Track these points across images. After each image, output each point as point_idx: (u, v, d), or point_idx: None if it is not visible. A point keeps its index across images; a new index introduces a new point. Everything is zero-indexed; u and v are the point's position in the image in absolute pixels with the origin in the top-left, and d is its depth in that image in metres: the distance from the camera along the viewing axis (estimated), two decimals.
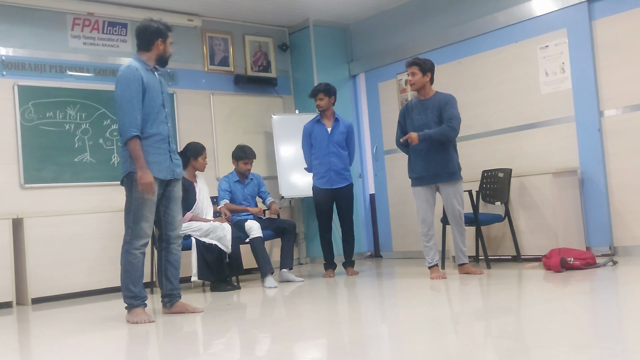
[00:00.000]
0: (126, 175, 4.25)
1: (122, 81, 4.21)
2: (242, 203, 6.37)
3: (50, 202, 6.32)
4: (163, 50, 4.44)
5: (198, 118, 7.42)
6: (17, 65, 6.33)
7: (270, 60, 8.08)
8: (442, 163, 5.35)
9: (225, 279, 5.81)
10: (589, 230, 5.95)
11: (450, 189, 5.39)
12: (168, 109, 4.43)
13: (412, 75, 5.44)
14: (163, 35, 4.42)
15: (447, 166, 5.36)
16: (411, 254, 7.37)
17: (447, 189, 5.40)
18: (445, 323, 3.67)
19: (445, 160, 5.36)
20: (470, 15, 6.83)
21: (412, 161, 5.52)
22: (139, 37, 4.41)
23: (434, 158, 5.36)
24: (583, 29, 5.94)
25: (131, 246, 4.22)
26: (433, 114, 5.38)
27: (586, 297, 4.30)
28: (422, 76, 5.42)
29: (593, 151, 5.90)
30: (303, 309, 4.66)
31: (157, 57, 4.43)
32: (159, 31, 4.40)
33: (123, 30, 6.96)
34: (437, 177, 5.38)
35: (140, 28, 4.41)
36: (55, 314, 5.23)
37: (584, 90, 5.94)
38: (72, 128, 6.54)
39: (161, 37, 4.41)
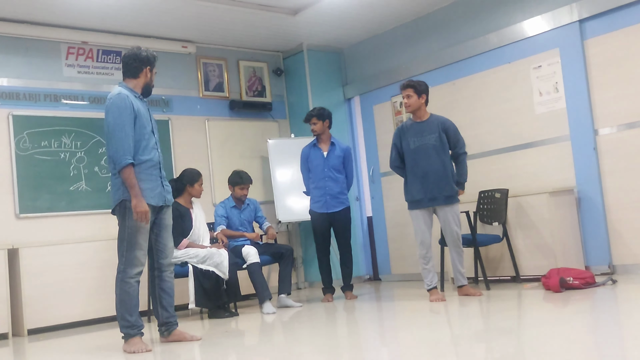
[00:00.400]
0: (119, 203, 4.22)
1: (113, 109, 4.21)
2: (239, 229, 6.35)
3: (45, 231, 6.28)
4: (149, 79, 4.46)
5: (193, 144, 7.41)
6: (11, 95, 6.33)
7: (265, 85, 8.10)
8: (439, 186, 5.35)
9: (223, 306, 5.76)
10: (588, 249, 5.93)
11: (448, 211, 5.39)
12: (157, 135, 4.43)
13: (408, 97, 5.45)
14: (151, 64, 4.45)
15: (444, 189, 5.36)
16: (410, 276, 7.33)
17: (445, 211, 5.39)
18: (446, 345, 3.64)
19: (443, 183, 5.36)
20: (463, 36, 6.87)
21: (408, 184, 5.52)
22: (127, 64, 4.42)
23: (431, 181, 5.36)
24: (575, 49, 5.97)
25: (126, 275, 4.18)
26: (430, 137, 5.39)
27: (587, 316, 4.27)
28: (418, 98, 5.44)
29: (589, 170, 5.90)
30: (302, 334, 4.62)
31: (144, 85, 4.43)
32: (147, 59, 4.42)
33: (117, 58, 6.97)
34: (434, 200, 5.38)
35: (129, 55, 4.42)
36: (52, 344, 5.17)
37: (578, 109, 5.96)
38: (67, 156, 6.53)
39: (149, 66, 4.44)
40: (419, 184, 5.41)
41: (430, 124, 5.45)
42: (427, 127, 5.44)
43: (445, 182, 5.36)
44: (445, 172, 5.38)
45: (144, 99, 4.45)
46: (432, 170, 5.36)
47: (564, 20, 6.03)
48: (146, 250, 4.27)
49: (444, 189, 5.36)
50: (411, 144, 5.45)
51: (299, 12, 6.98)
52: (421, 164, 5.40)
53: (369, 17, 7.25)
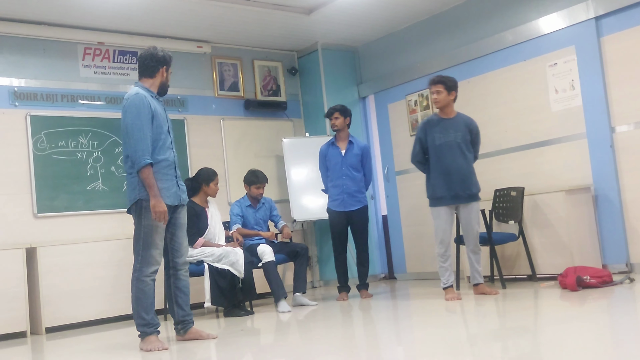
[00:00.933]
0: (135, 202, 4.25)
1: (132, 109, 4.23)
2: (254, 227, 6.37)
3: (63, 230, 6.34)
4: (166, 78, 4.48)
5: (209, 143, 7.45)
6: (29, 95, 6.40)
7: (280, 84, 8.12)
8: (464, 184, 5.33)
9: (239, 304, 5.78)
10: (605, 247, 5.88)
11: (470, 210, 5.38)
12: (172, 134, 4.46)
13: (437, 93, 5.41)
14: (167, 63, 4.48)
15: (468, 187, 5.34)
16: (425, 275, 7.32)
17: (467, 209, 5.38)
18: (462, 344, 3.62)
19: (467, 181, 5.34)
20: (478, 34, 6.84)
21: (431, 180, 5.47)
22: (144, 63, 4.44)
23: (455, 179, 5.33)
24: (592, 46, 5.92)
25: (141, 273, 4.21)
26: (456, 134, 5.37)
27: (604, 315, 4.23)
28: (447, 94, 5.40)
29: (606, 167, 5.85)
30: (317, 333, 4.62)
31: (160, 84, 4.46)
32: (164, 59, 4.45)
33: (133, 59, 7.02)
34: (457, 198, 5.36)
35: (145, 55, 4.45)
36: (70, 343, 5.21)
37: (594, 106, 5.91)
38: (84, 156, 6.58)
39: (166, 65, 4.46)
40: (443, 181, 5.37)
41: (457, 122, 5.42)
42: (454, 125, 5.41)
43: (469, 180, 5.35)
44: (469, 171, 5.37)
45: (160, 99, 4.47)
46: (457, 167, 5.34)
47: (580, 17, 5.98)
48: (162, 249, 4.30)
49: (468, 187, 5.34)
50: (436, 140, 5.41)
51: (313, 11, 6.99)
52: (445, 161, 5.36)
53: (383, 15, 7.24)
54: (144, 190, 4.19)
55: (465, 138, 5.39)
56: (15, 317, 5.63)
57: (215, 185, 6.01)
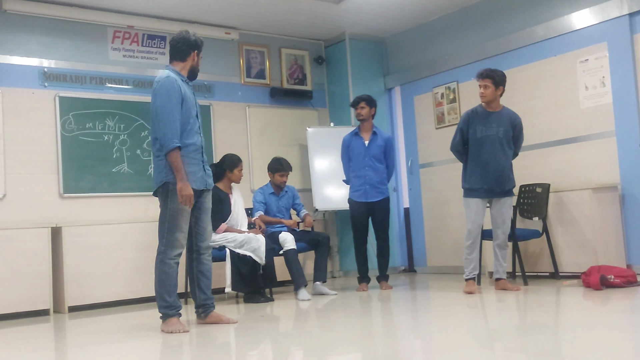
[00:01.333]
0: (161, 185, 4.28)
1: (162, 91, 4.25)
2: (276, 215, 6.38)
3: (88, 211, 6.41)
4: (196, 62, 4.49)
5: (234, 130, 7.47)
6: (58, 77, 6.46)
7: (306, 73, 8.11)
8: (500, 179, 5.31)
9: (259, 291, 5.81)
10: (630, 247, 5.81)
11: (504, 205, 5.36)
12: (200, 119, 4.48)
13: (485, 88, 5.37)
14: (199, 48, 4.49)
15: (504, 183, 5.32)
16: (446, 269, 7.29)
17: (500, 204, 5.37)
18: (482, 339, 3.61)
19: (502, 177, 5.32)
20: (508, 28, 6.77)
21: (468, 172, 5.45)
22: (175, 47, 4.46)
23: (492, 173, 5.31)
24: (624, 43, 5.83)
25: (166, 256, 4.24)
26: (499, 129, 5.33)
27: (627, 315, 4.19)
28: (495, 90, 5.37)
29: (634, 167, 5.77)
30: (336, 322, 4.63)
31: (190, 68, 4.47)
32: (196, 43, 4.47)
33: (162, 43, 7.05)
34: (491, 191, 5.34)
35: (178, 38, 4.46)
36: (92, 322, 5.28)
37: (624, 104, 5.83)
38: (111, 139, 6.64)
39: (197, 50, 4.48)
40: (479, 173, 5.35)
41: (501, 116, 5.38)
42: (498, 119, 5.37)
43: (505, 176, 5.33)
44: (507, 166, 5.35)
45: (189, 83, 4.49)
46: (495, 162, 5.31)
47: (613, 13, 5.89)
48: (187, 232, 4.33)
49: (503, 183, 5.32)
50: (478, 133, 5.38)
51: (342, 1, 6.96)
52: (484, 154, 5.33)
53: (412, 6, 7.19)
54: (171, 173, 4.21)
55: (508, 133, 5.35)
56: (39, 295, 5.71)
57: (239, 172, 6.03)
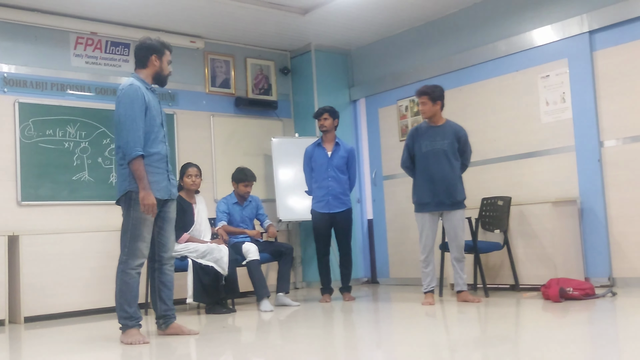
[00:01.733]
0: (124, 194, 4.22)
1: (125, 100, 4.20)
2: (240, 225, 6.34)
3: (46, 220, 6.28)
4: (159, 67, 4.42)
5: (198, 139, 7.41)
6: (18, 82, 6.34)
7: (272, 83, 8.10)
8: (448, 192, 5.38)
9: (221, 302, 5.76)
10: (588, 260, 5.92)
11: (454, 217, 5.42)
12: (166, 128, 4.43)
13: (423, 104, 5.49)
14: (158, 51, 4.40)
15: (452, 195, 5.38)
16: (408, 280, 7.32)
17: (451, 217, 5.42)
18: (442, 350, 3.63)
19: (451, 189, 5.38)
20: (472, 43, 6.87)
21: (417, 186, 5.54)
22: (136, 54, 4.44)
23: (440, 186, 5.38)
24: (584, 60, 5.97)
25: (127, 266, 4.18)
26: (443, 142, 5.41)
27: (585, 327, 4.26)
28: (432, 105, 5.46)
29: (593, 181, 5.89)
30: (299, 334, 4.61)
31: (154, 74, 4.42)
32: (153, 47, 4.39)
33: (125, 50, 6.98)
34: (441, 205, 5.40)
35: (137, 45, 4.44)
36: (49, 333, 5.16)
37: (584, 120, 5.96)
38: (72, 146, 6.53)
39: (155, 53, 4.39)
40: (427, 187, 5.43)
41: (444, 130, 5.47)
42: (441, 132, 5.45)
43: (453, 187, 5.39)
44: (454, 178, 5.41)
45: (155, 91, 4.44)
46: (442, 175, 5.38)
47: (573, 30, 6.03)
48: (149, 242, 4.27)
49: (452, 195, 5.38)
50: (423, 147, 5.47)
51: (308, 12, 6.98)
52: (431, 168, 5.41)
53: (378, 19, 7.25)
54: (134, 182, 4.16)
55: (453, 146, 5.43)
56: None
57: (187, 177, 5.94)
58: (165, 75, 4.47)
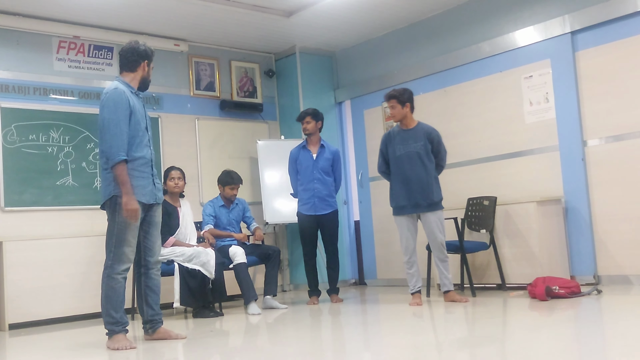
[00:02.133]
0: (109, 199, 4.19)
1: (109, 104, 4.17)
2: (226, 228, 6.33)
3: (31, 225, 6.22)
4: (147, 73, 4.43)
5: (183, 143, 7.38)
6: (0, 87, 6.28)
7: (257, 86, 8.09)
8: (423, 194, 5.41)
9: (208, 305, 5.73)
10: (573, 259, 5.96)
11: (432, 219, 5.43)
12: (150, 132, 4.41)
13: (392, 108, 5.53)
14: (149, 58, 4.43)
15: (428, 197, 5.40)
16: (395, 281, 7.34)
17: (428, 218, 5.44)
18: (430, 351, 3.63)
19: (425, 190, 5.41)
20: (456, 44, 6.90)
21: (393, 190, 5.59)
22: (125, 57, 4.39)
23: (415, 188, 5.42)
24: (567, 60, 6.01)
25: (113, 271, 4.15)
26: (416, 144, 5.45)
27: (571, 325, 4.29)
28: (402, 108, 5.49)
29: (577, 180, 5.94)
30: (287, 336, 4.60)
31: (141, 79, 4.41)
32: (145, 53, 4.40)
33: (109, 54, 6.94)
34: (418, 207, 5.44)
35: (127, 49, 4.39)
36: (34, 340, 5.11)
37: (567, 120, 6.00)
38: (55, 151, 6.47)
39: (147, 60, 4.41)
40: (403, 190, 5.46)
41: (416, 132, 5.50)
42: (413, 135, 5.49)
43: (428, 189, 5.41)
44: (429, 180, 5.43)
45: (139, 95, 4.42)
46: (416, 177, 5.41)
47: (555, 31, 6.07)
48: (134, 247, 4.24)
49: (427, 197, 5.41)
50: (397, 151, 5.51)
51: (292, 14, 6.98)
52: (405, 171, 5.45)
53: (362, 21, 7.27)
54: (118, 187, 4.13)
55: (426, 148, 5.46)
56: None
57: (170, 181, 5.91)
58: (149, 81, 4.49)
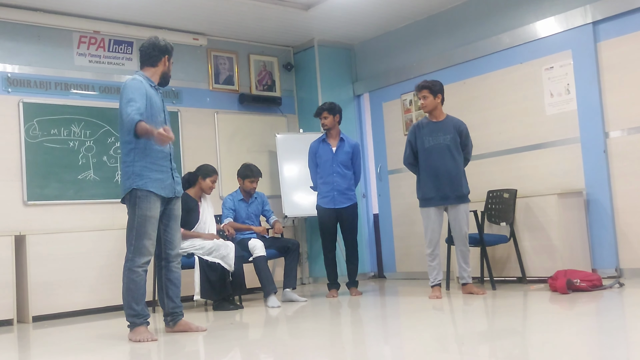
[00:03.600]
0: (129, 192, 4.22)
1: (126, 90, 4.19)
2: (245, 222, 6.35)
3: (53, 219, 6.30)
4: (167, 68, 4.46)
5: (202, 137, 7.42)
6: (22, 82, 6.35)
7: (275, 79, 8.10)
8: (452, 186, 5.39)
9: (228, 298, 5.77)
10: (595, 251, 5.91)
11: (459, 211, 5.43)
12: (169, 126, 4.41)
13: (424, 98, 5.50)
14: (169, 53, 4.47)
15: (457, 189, 5.39)
16: (415, 274, 7.32)
17: (455, 210, 5.43)
18: (450, 344, 3.63)
19: (454, 182, 5.39)
20: (475, 36, 6.85)
21: (421, 182, 5.55)
22: (146, 52, 4.42)
23: (443, 181, 5.39)
24: (588, 51, 5.94)
25: (134, 264, 4.19)
26: (445, 137, 5.44)
27: (593, 319, 4.25)
28: (434, 98, 5.49)
29: (598, 172, 5.88)
30: (306, 329, 4.61)
31: (162, 74, 4.44)
32: (166, 48, 4.45)
33: (129, 49, 6.98)
34: (446, 199, 5.41)
35: (148, 44, 4.42)
36: (57, 332, 5.18)
37: (589, 111, 5.94)
38: (76, 145, 6.54)
39: (168, 55, 4.45)
40: (431, 182, 5.44)
41: (445, 125, 5.48)
42: (443, 127, 5.47)
43: (457, 181, 5.40)
44: (458, 172, 5.43)
45: (159, 90, 4.44)
46: (445, 169, 5.39)
47: (577, 22, 6.00)
48: (155, 240, 4.27)
49: (456, 189, 5.40)
50: (426, 143, 5.48)
51: (311, 7, 6.97)
52: (434, 163, 5.43)
53: (381, 13, 7.24)
54: (139, 180, 4.16)
55: (455, 140, 5.45)
56: (3, 305, 5.58)
57: (211, 182, 5.91)
58: (170, 76, 4.52)
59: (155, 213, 4.23)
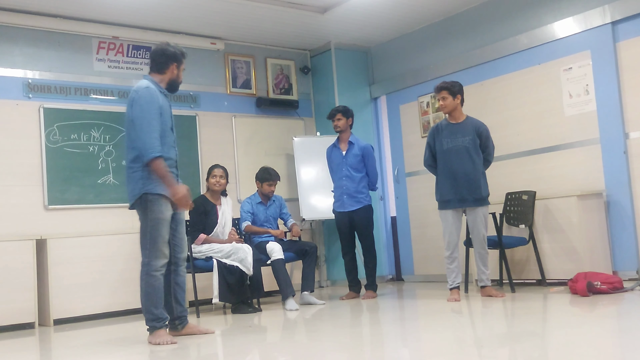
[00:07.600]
0: (139, 197, 4.24)
1: (141, 102, 4.22)
2: (263, 225, 6.37)
3: (73, 223, 6.36)
4: (176, 75, 4.48)
5: (220, 140, 7.45)
6: (42, 88, 6.42)
7: (292, 82, 8.12)
8: (470, 188, 5.36)
9: (246, 301, 5.79)
10: (616, 254, 5.85)
11: (477, 213, 5.41)
12: (175, 132, 4.45)
13: (443, 99, 5.48)
14: (178, 60, 4.47)
15: (475, 191, 5.36)
16: (433, 277, 7.29)
17: (474, 213, 5.40)
18: (469, 347, 3.61)
19: (473, 185, 5.37)
20: (493, 37, 6.82)
21: (439, 184, 5.53)
22: (155, 59, 4.45)
23: (462, 183, 5.37)
24: (607, 51, 5.89)
25: (151, 268, 4.20)
26: (464, 139, 5.41)
27: (614, 321, 4.21)
28: (453, 99, 5.46)
29: (619, 173, 5.82)
30: (324, 332, 4.62)
31: (170, 81, 4.46)
32: (175, 56, 4.45)
33: (147, 54, 7.03)
34: (464, 201, 5.39)
35: (157, 50, 4.45)
36: (78, 335, 5.23)
37: (608, 112, 5.88)
38: (96, 150, 6.60)
39: (176, 62, 4.46)
40: (450, 184, 5.42)
41: (465, 126, 5.45)
42: (462, 129, 5.44)
43: (475, 184, 5.37)
44: (476, 174, 5.39)
45: (167, 95, 4.48)
46: (464, 171, 5.36)
47: (595, 22, 5.95)
48: (167, 243, 4.30)
49: (474, 191, 5.36)
50: (444, 145, 5.46)
51: (327, 11, 6.98)
52: (453, 165, 5.40)
53: (397, 16, 7.23)
54: (149, 184, 4.19)
55: (475, 142, 5.42)
56: (24, 308, 5.65)
57: (212, 178, 5.99)
58: (179, 83, 4.55)
59: (167, 215, 4.26)
